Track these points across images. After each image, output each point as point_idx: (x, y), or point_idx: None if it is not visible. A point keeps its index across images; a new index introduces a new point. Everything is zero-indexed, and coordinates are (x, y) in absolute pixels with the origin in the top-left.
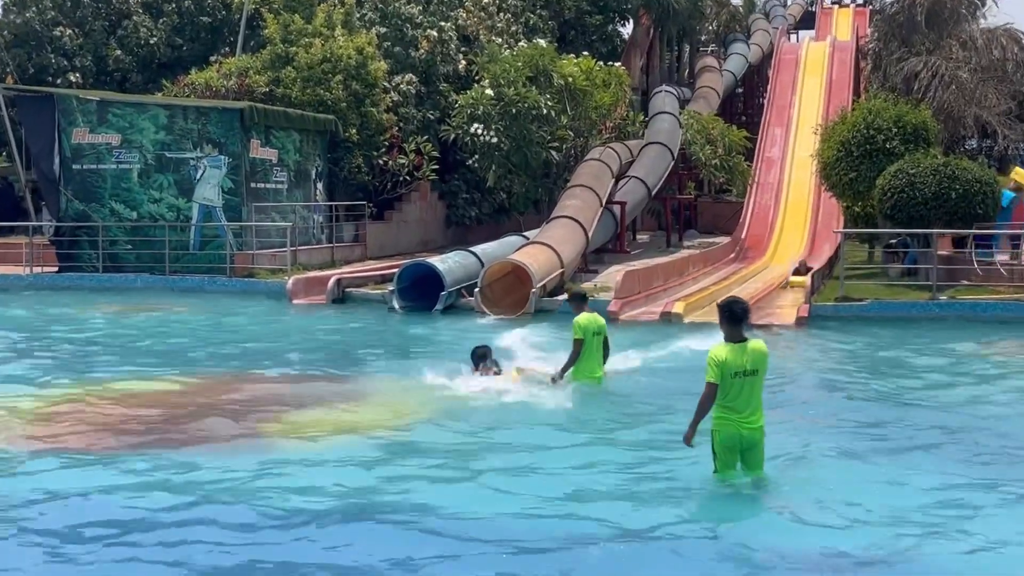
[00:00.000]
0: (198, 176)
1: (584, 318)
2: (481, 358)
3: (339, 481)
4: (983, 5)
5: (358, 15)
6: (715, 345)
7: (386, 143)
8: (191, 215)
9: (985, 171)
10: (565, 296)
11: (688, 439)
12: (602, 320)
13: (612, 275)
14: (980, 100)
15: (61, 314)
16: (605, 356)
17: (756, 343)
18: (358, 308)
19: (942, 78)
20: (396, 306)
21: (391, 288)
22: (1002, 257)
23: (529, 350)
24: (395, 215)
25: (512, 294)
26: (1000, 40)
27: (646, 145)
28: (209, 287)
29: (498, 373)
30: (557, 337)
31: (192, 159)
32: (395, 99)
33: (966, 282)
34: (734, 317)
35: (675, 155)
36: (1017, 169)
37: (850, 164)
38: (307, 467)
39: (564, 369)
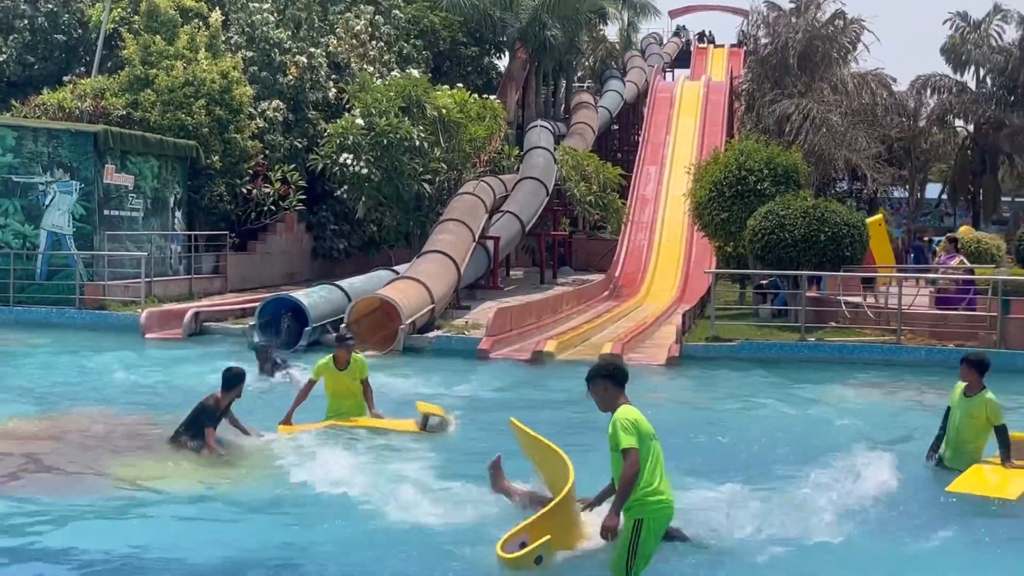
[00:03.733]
0: (47, 202)
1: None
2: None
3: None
4: (854, 50)
5: (223, 38)
6: (623, 407)
7: (251, 171)
8: (38, 243)
9: (854, 214)
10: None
11: (612, 530)
12: None
13: (484, 312)
14: (850, 143)
15: None
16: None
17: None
18: (216, 343)
19: (813, 120)
20: (257, 341)
21: (252, 323)
22: (871, 299)
23: None
24: (259, 246)
25: (380, 331)
26: (870, 84)
27: (521, 180)
28: (56, 319)
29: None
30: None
31: (41, 184)
32: (261, 126)
33: (834, 324)
34: (625, 379)
35: (550, 191)
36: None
37: (722, 204)
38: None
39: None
